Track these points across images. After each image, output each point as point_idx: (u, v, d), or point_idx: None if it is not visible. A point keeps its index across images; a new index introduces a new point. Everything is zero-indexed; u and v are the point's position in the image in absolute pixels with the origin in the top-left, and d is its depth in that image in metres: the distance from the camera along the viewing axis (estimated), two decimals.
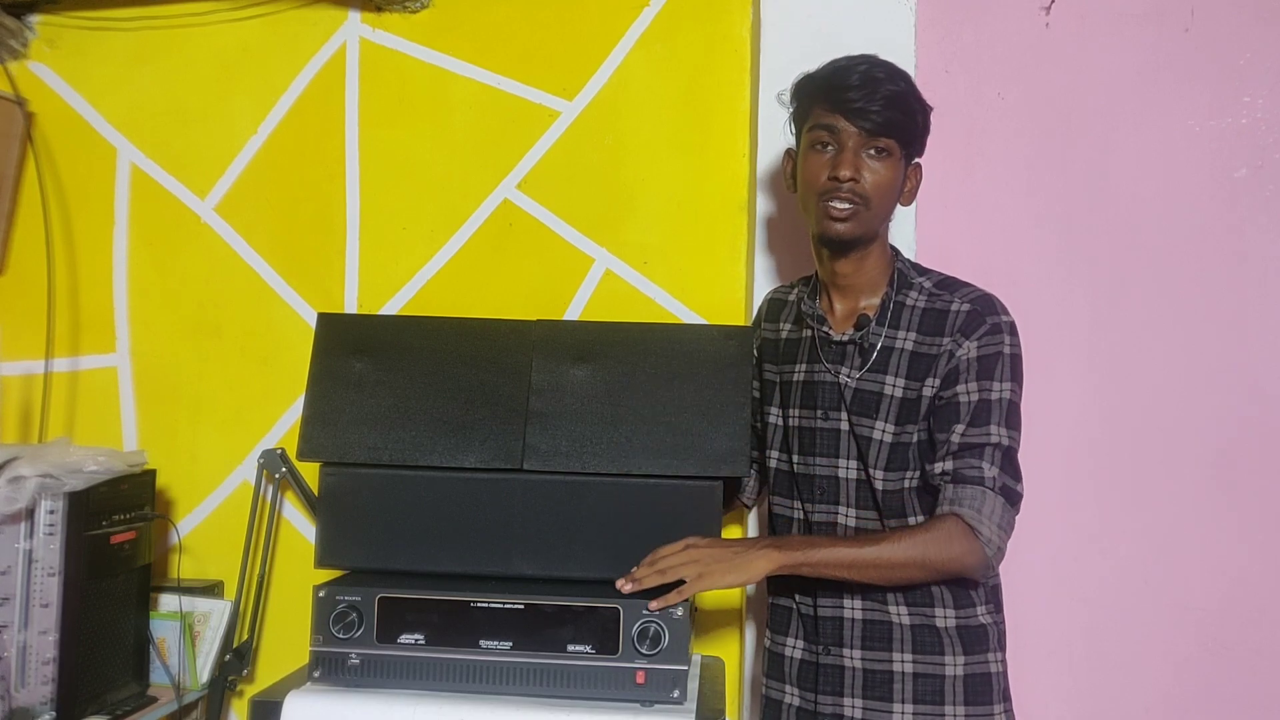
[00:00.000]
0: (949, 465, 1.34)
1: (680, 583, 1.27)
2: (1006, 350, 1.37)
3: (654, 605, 1.27)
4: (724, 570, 1.27)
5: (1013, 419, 1.36)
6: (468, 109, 1.97)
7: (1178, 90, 1.76)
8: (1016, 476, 1.35)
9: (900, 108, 1.36)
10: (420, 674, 1.31)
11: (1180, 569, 1.72)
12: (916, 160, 1.45)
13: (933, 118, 1.44)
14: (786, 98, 1.47)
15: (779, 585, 1.49)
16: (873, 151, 1.37)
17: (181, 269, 2.05)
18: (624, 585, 1.30)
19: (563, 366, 1.47)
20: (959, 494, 1.32)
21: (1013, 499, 1.34)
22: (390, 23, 2.01)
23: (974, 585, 1.39)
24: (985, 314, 1.38)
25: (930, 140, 1.46)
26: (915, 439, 1.38)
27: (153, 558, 1.82)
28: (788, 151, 1.50)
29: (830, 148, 1.38)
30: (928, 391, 1.37)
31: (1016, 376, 1.37)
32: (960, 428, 1.34)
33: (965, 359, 1.36)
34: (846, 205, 1.36)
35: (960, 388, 1.35)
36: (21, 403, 2.06)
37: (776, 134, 1.72)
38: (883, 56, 1.40)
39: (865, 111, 1.34)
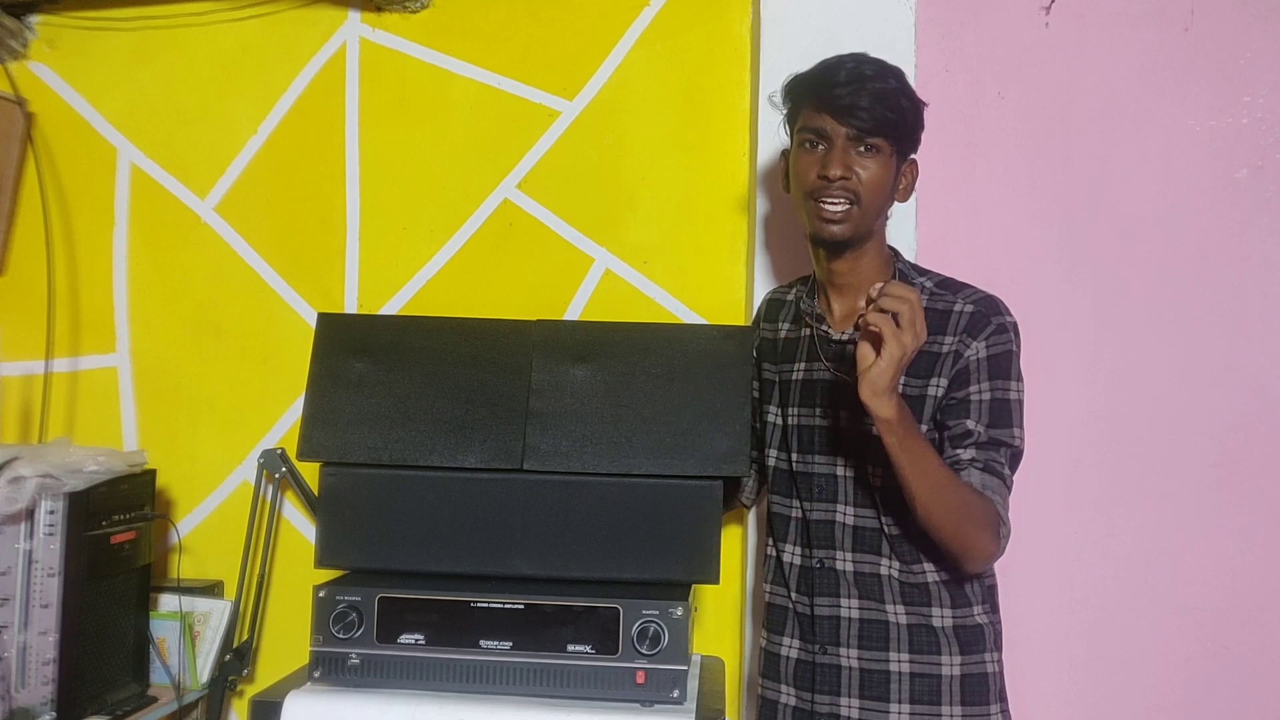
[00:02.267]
0: (976, 454, 1.34)
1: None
2: (1014, 350, 1.38)
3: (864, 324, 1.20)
4: (877, 376, 1.19)
5: (1022, 420, 1.38)
6: (468, 109, 1.97)
7: (1178, 90, 1.76)
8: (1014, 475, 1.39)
9: (889, 105, 1.35)
10: (420, 674, 1.31)
11: (1180, 569, 1.72)
12: (912, 157, 1.45)
13: (933, 118, 1.43)
14: (778, 99, 1.47)
15: (777, 583, 1.49)
16: (863, 149, 1.36)
17: (181, 269, 2.05)
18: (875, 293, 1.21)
19: (563, 366, 1.47)
20: (988, 483, 1.33)
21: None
22: (390, 23, 2.01)
23: (972, 584, 1.39)
24: (990, 314, 1.38)
25: (930, 140, 1.45)
26: None
27: (153, 558, 1.82)
28: (783, 152, 1.50)
29: (820, 146, 1.37)
30: (931, 391, 1.37)
31: (1019, 377, 1.38)
32: (981, 424, 1.35)
33: (975, 359, 1.36)
34: (838, 204, 1.36)
35: (973, 387, 1.36)
36: (21, 403, 2.06)
37: (776, 134, 1.71)
38: (883, 56, 1.39)
39: (853, 109, 1.34)
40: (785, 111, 1.46)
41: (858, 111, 1.33)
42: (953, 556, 1.35)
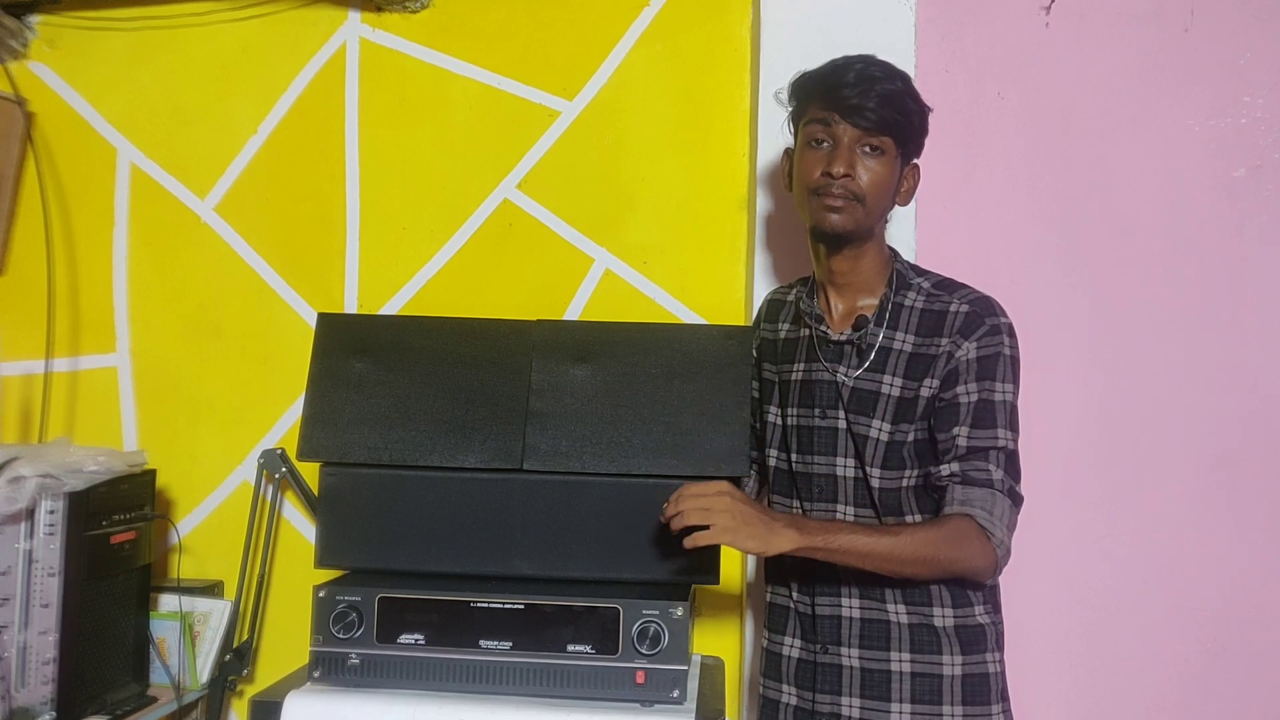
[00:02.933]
0: (956, 467, 1.34)
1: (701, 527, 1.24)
2: (1006, 351, 1.37)
3: (688, 544, 1.23)
4: (749, 534, 1.23)
5: (1014, 421, 1.36)
6: (468, 109, 1.97)
7: (1178, 90, 1.76)
8: (1018, 478, 1.36)
9: (896, 106, 1.36)
10: (420, 674, 1.31)
11: (1180, 569, 1.72)
12: (915, 161, 1.45)
13: (933, 118, 1.44)
14: (784, 96, 1.47)
15: (777, 582, 1.49)
16: (867, 149, 1.37)
17: (181, 269, 2.05)
18: (667, 513, 1.26)
19: (563, 366, 1.47)
20: (969, 495, 1.32)
21: (1017, 501, 1.35)
22: (390, 23, 2.01)
23: (973, 585, 1.39)
24: (984, 315, 1.38)
25: (930, 140, 1.45)
26: (911, 438, 1.38)
27: (153, 558, 1.82)
28: (786, 151, 1.50)
29: (825, 144, 1.38)
30: (925, 392, 1.37)
31: (1015, 378, 1.38)
32: (965, 430, 1.34)
33: (964, 360, 1.36)
34: (839, 200, 1.37)
35: (960, 389, 1.35)
36: (21, 403, 2.06)
37: (776, 134, 1.72)
38: (883, 56, 1.40)
39: (860, 109, 1.34)
40: (791, 109, 1.47)
41: (865, 111, 1.34)
42: (958, 583, 1.37)
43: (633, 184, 1.91)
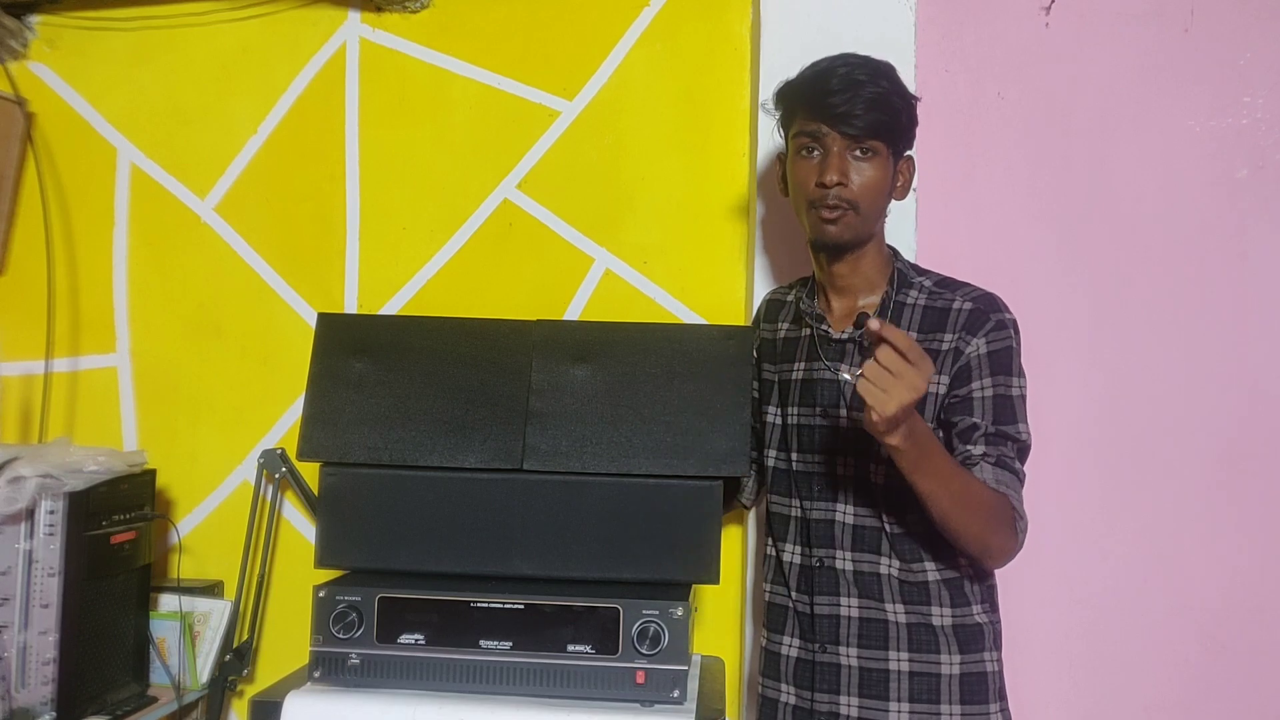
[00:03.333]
0: (988, 448, 1.34)
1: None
2: (1014, 346, 1.38)
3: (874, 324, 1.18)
4: (887, 399, 1.16)
5: (1027, 416, 1.38)
6: (468, 109, 1.97)
7: (1178, 90, 1.76)
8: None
9: (884, 108, 1.35)
10: (420, 674, 1.31)
11: (1180, 569, 1.72)
12: (908, 154, 1.45)
13: (933, 118, 1.44)
14: (771, 105, 1.46)
15: (777, 582, 1.49)
16: (859, 153, 1.36)
17: (181, 269, 2.05)
18: (878, 324, 1.18)
19: (563, 366, 1.47)
20: (1002, 477, 1.33)
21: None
22: (390, 23, 2.01)
23: (972, 584, 1.39)
24: (990, 311, 1.38)
25: (930, 140, 1.45)
26: None
27: (153, 558, 1.82)
28: (779, 156, 1.50)
29: (816, 153, 1.37)
30: (932, 389, 1.37)
31: (1021, 373, 1.39)
32: (986, 419, 1.35)
33: (976, 355, 1.36)
34: (835, 211, 1.37)
35: (975, 384, 1.36)
36: (21, 403, 2.06)
37: (776, 134, 1.72)
38: (883, 56, 1.39)
39: (848, 116, 1.33)
40: (778, 117, 1.46)
41: (853, 119, 1.33)
42: (973, 557, 1.36)
43: (633, 184, 1.91)
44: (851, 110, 1.33)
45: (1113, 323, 1.77)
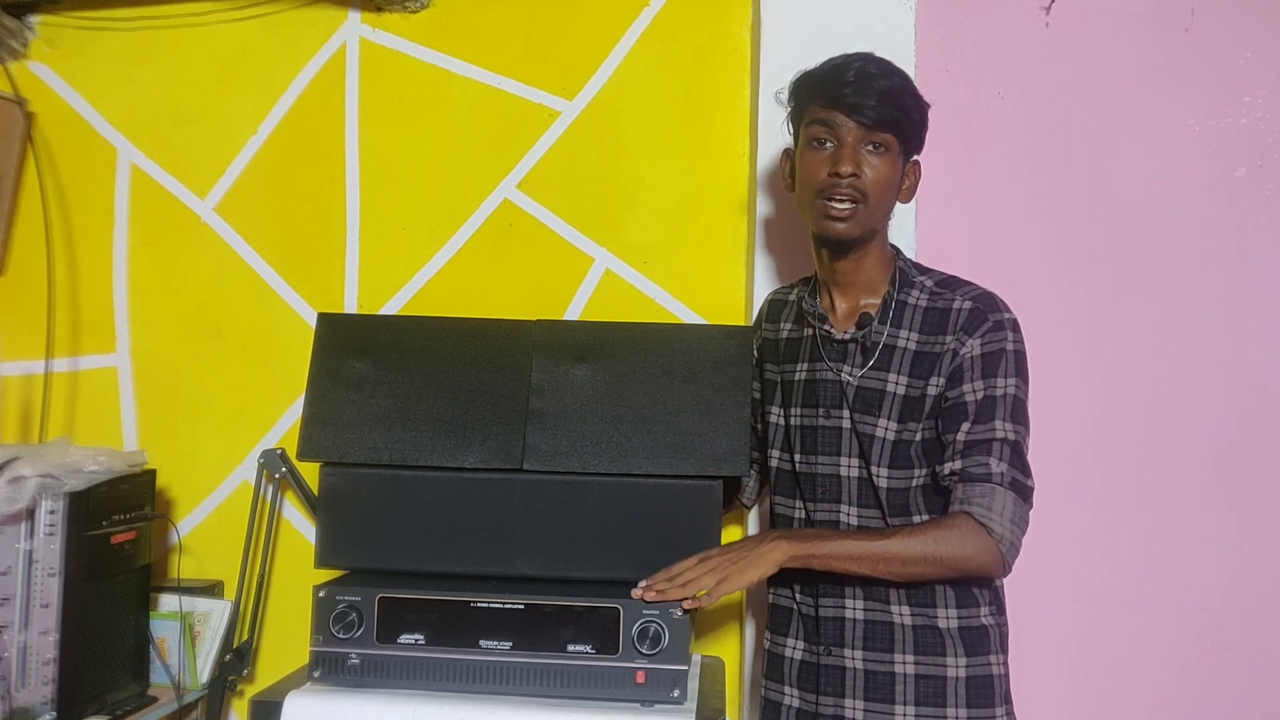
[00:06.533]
0: (957, 465, 1.34)
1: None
2: (1010, 347, 1.37)
3: (685, 606, 1.29)
4: (742, 569, 1.29)
5: (1019, 414, 1.35)
6: (468, 109, 1.97)
7: (1178, 90, 1.76)
8: (1026, 471, 1.34)
9: (896, 103, 1.36)
10: (420, 674, 1.31)
11: (1180, 569, 1.72)
12: (915, 158, 1.45)
13: (933, 118, 1.44)
14: (784, 97, 1.47)
15: (780, 584, 1.49)
16: (871, 147, 1.37)
17: (181, 269, 2.05)
18: (643, 593, 1.29)
19: (563, 366, 1.47)
20: (968, 492, 1.32)
21: (1024, 494, 1.33)
22: (390, 23, 2.01)
23: (978, 586, 1.39)
24: (987, 311, 1.38)
25: (930, 140, 1.45)
26: (919, 437, 1.38)
27: (153, 558, 1.82)
28: (785, 151, 1.50)
29: (829, 144, 1.38)
30: (932, 390, 1.37)
31: (1021, 373, 1.37)
32: (966, 425, 1.34)
33: (969, 357, 1.36)
34: (846, 204, 1.36)
35: (966, 386, 1.35)
36: (21, 403, 2.06)
37: (776, 134, 1.72)
38: (883, 56, 1.40)
39: (861, 106, 1.34)
40: (790, 109, 1.47)
41: (865, 109, 1.34)
42: (964, 584, 1.37)
43: (633, 184, 1.91)
44: (865, 101, 1.34)
45: (1113, 322, 1.76)
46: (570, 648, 1.29)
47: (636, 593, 1.30)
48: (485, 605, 1.32)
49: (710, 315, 1.86)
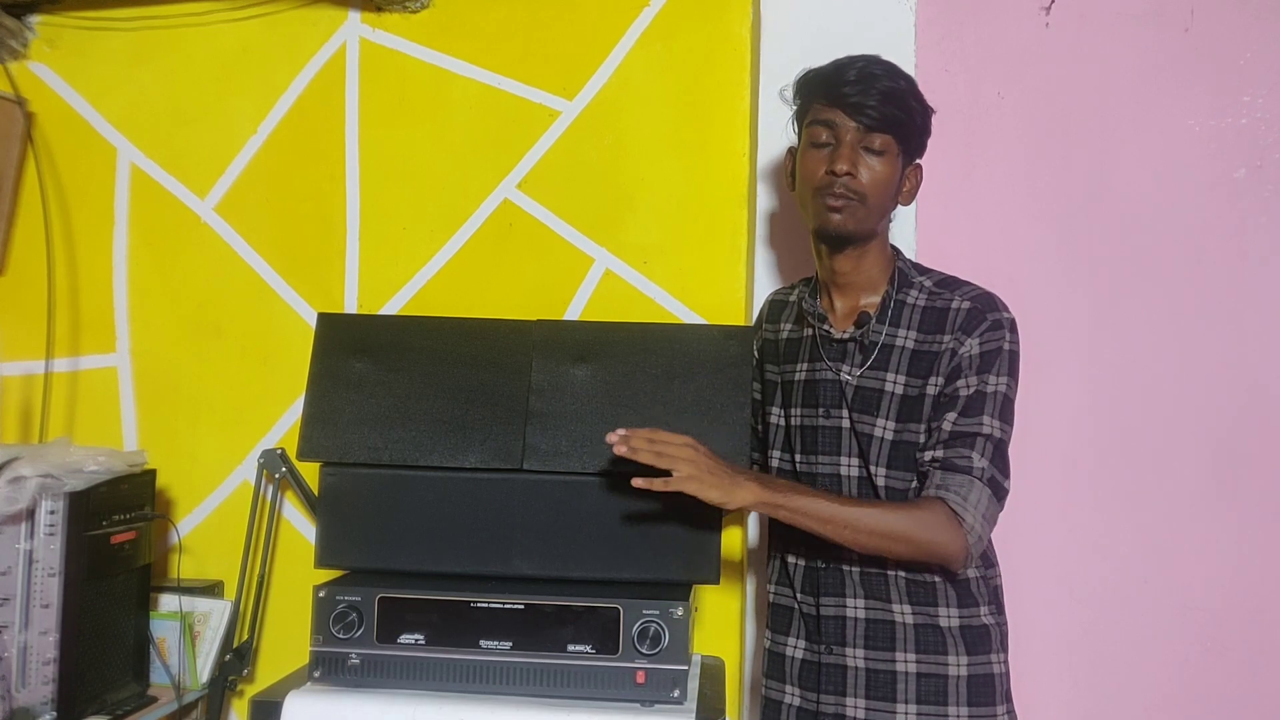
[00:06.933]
0: (939, 453, 1.34)
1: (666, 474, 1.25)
2: (1006, 346, 1.37)
3: (637, 482, 1.25)
4: (713, 483, 1.25)
5: (1006, 412, 1.36)
6: (468, 109, 1.97)
7: (1178, 90, 1.76)
8: (1005, 471, 1.35)
9: (897, 104, 1.36)
10: (420, 674, 1.31)
11: (1180, 569, 1.72)
12: (917, 161, 1.45)
13: (932, 118, 1.44)
14: (789, 94, 1.47)
15: (781, 583, 1.49)
16: (869, 148, 1.37)
17: (181, 269, 2.05)
18: (616, 443, 1.25)
19: (563, 366, 1.47)
20: (947, 480, 1.32)
21: (999, 493, 1.34)
22: (390, 23, 2.01)
23: (976, 584, 1.39)
24: (986, 311, 1.38)
25: (930, 140, 1.46)
26: (920, 439, 1.38)
27: (153, 558, 1.82)
28: (790, 150, 1.51)
29: (829, 144, 1.38)
30: (931, 390, 1.37)
31: (1013, 372, 1.38)
32: (953, 415, 1.35)
33: (967, 355, 1.36)
34: (841, 200, 1.37)
35: (960, 382, 1.36)
36: (21, 403, 2.06)
37: (777, 133, 1.72)
38: (883, 56, 1.40)
39: (861, 106, 1.35)
40: (795, 107, 1.47)
41: (867, 109, 1.35)
42: (927, 566, 1.36)
43: (633, 184, 1.91)
44: (866, 101, 1.35)
45: (1112, 322, 1.77)
46: (570, 648, 1.29)
47: (611, 437, 1.25)
48: (485, 605, 1.32)
49: (710, 315, 1.86)
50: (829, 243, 1.43)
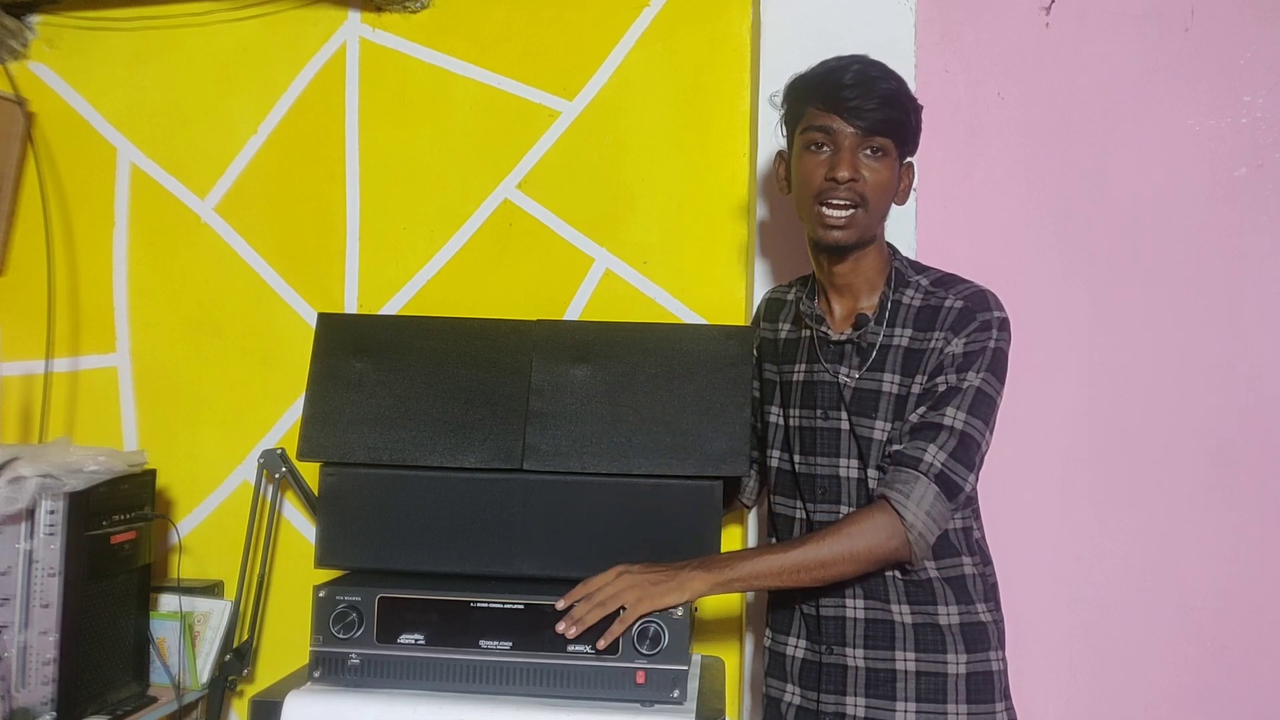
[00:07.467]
0: (896, 446, 1.34)
1: (618, 612, 1.27)
2: (991, 345, 1.35)
3: (602, 644, 1.26)
4: (663, 592, 1.26)
5: (978, 407, 1.33)
6: (468, 109, 1.97)
7: (1178, 90, 1.77)
8: (968, 465, 1.32)
9: (896, 106, 1.35)
10: (420, 674, 1.31)
11: (1180, 568, 1.72)
12: (909, 160, 1.45)
13: (933, 118, 1.44)
14: (779, 100, 1.46)
15: (780, 589, 1.49)
16: (869, 151, 1.36)
17: (181, 269, 2.05)
18: (567, 629, 1.27)
19: (563, 366, 1.47)
20: (893, 476, 1.32)
21: (950, 490, 1.31)
22: (390, 23, 2.01)
23: (973, 582, 1.39)
24: (976, 311, 1.37)
25: (930, 140, 1.45)
26: None
27: (153, 558, 1.82)
28: (779, 154, 1.49)
29: (826, 148, 1.37)
30: (916, 389, 1.37)
31: (995, 370, 1.36)
32: (922, 410, 1.34)
33: (950, 354, 1.36)
34: (843, 211, 1.36)
35: (940, 379, 1.35)
36: (21, 403, 2.06)
37: (776, 134, 1.71)
38: (883, 57, 1.40)
39: (861, 110, 1.34)
40: (784, 112, 1.46)
41: (866, 112, 1.34)
42: (958, 579, 1.37)
43: (633, 184, 1.91)
44: (864, 104, 1.33)
45: (1111, 321, 1.77)
46: (570, 648, 1.29)
47: (560, 627, 1.27)
48: (485, 605, 1.31)
49: (710, 315, 1.86)
50: (829, 253, 1.42)
